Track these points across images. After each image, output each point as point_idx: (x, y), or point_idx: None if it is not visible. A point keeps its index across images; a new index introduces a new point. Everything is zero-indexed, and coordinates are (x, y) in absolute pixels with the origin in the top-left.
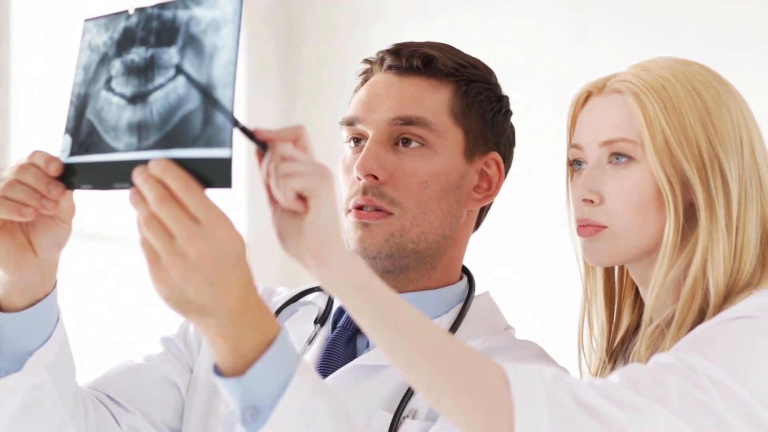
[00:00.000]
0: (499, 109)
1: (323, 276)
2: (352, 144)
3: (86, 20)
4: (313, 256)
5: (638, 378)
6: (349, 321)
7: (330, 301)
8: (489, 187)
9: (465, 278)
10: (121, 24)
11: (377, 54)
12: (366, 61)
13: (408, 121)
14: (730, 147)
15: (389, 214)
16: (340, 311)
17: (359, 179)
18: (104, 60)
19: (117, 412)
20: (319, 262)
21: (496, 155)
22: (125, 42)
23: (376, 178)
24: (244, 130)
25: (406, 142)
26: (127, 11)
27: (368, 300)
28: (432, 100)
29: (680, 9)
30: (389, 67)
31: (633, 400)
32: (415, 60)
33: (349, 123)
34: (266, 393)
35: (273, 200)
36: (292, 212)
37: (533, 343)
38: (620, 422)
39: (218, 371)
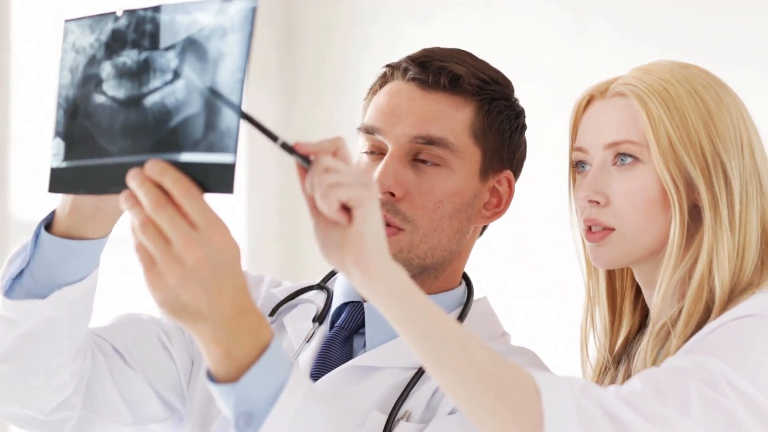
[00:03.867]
0: (516, 126)
1: (366, 285)
2: (368, 154)
3: (67, 21)
4: (357, 266)
5: (661, 385)
6: (347, 321)
7: (329, 300)
8: (498, 204)
9: (463, 283)
10: (109, 26)
11: (401, 61)
12: (388, 65)
13: (429, 141)
14: (732, 148)
15: (400, 230)
16: (339, 310)
17: None
18: (92, 62)
19: (116, 365)
20: (363, 272)
21: (508, 173)
22: (114, 44)
23: (392, 194)
24: (284, 145)
25: (425, 159)
26: (114, 13)
27: (411, 311)
28: (455, 119)
29: (681, 7)
30: (413, 79)
31: (658, 411)
32: (442, 78)
33: (369, 132)
34: (260, 399)
35: (316, 212)
36: (335, 223)
37: (529, 350)
38: None
39: (211, 377)
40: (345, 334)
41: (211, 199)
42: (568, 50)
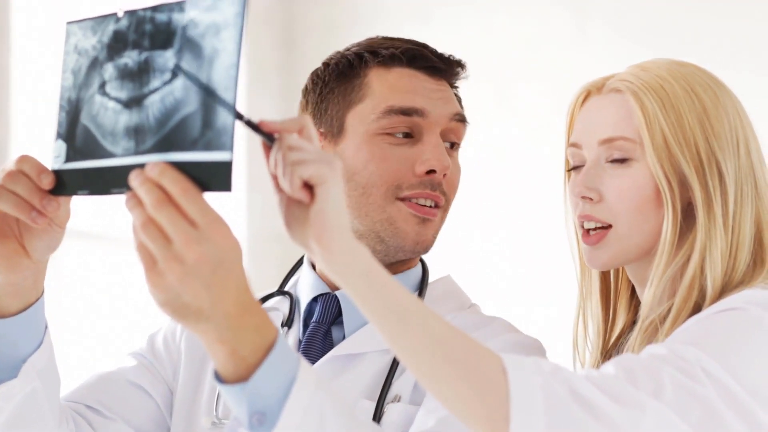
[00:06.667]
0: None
1: (328, 262)
2: (401, 136)
3: (69, 23)
4: (318, 243)
5: (634, 370)
6: (323, 314)
7: (293, 303)
8: None
9: (419, 264)
10: (110, 27)
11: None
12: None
13: (462, 119)
14: (727, 147)
15: (442, 210)
16: (310, 309)
17: (430, 172)
18: (95, 64)
19: (96, 422)
20: (324, 248)
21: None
22: (116, 45)
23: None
24: (249, 123)
25: (453, 145)
26: (115, 14)
27: (372, 286)
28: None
29: (680, 8)
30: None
31: (628, 394)
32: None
33: (407, 113)
34: (271, 396)
35: (279, 189)
36: (298, 201)
37: (500, 318)
38: (614, 417)
39: (219, 378)
40: (324, 328)
41: (212, 198)
42: (568, 50)
